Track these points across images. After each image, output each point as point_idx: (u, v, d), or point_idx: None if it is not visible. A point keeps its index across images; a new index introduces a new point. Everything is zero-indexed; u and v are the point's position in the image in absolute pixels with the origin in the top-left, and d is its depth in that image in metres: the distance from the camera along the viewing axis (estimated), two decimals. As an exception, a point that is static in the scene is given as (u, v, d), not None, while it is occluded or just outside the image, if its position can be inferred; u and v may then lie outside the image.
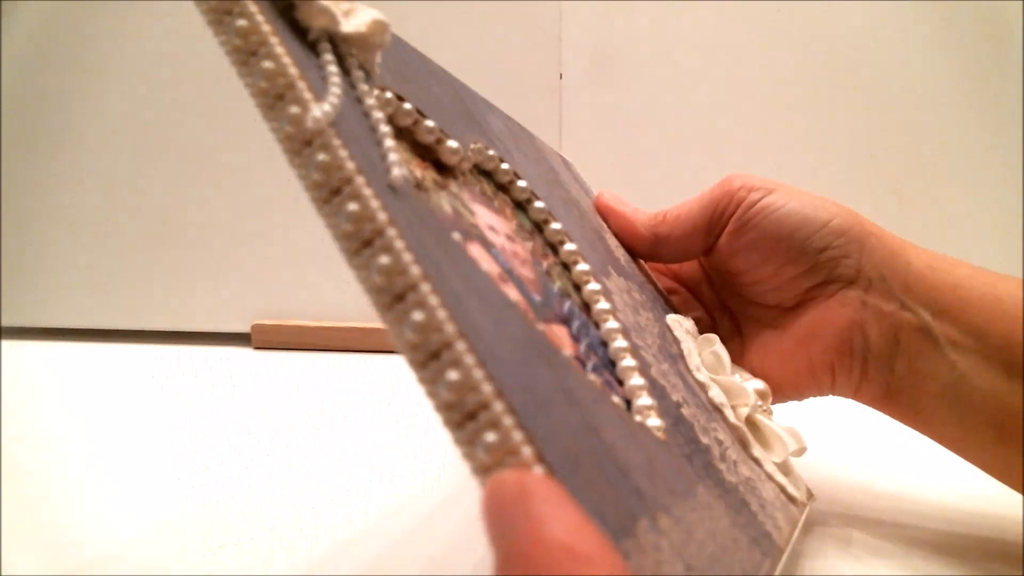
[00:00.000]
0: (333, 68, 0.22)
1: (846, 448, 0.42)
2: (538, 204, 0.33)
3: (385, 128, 0.21)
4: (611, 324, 0.29)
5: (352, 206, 0.19)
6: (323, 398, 0.58)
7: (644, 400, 0.26)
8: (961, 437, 0.34)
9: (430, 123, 0.27)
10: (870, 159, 0.68)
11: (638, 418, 0.26)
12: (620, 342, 0.29)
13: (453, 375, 0.18)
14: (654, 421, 0.26)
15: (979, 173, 0.67)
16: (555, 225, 0.32)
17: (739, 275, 0.39)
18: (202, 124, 0.69)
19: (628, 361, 0.28)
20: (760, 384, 0.35)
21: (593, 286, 0.31)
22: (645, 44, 0.68)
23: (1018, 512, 0.36)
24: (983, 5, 0.65)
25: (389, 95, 0.26)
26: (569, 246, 0.32)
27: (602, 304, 0.30)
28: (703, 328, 0.38)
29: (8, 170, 0.70)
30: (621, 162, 0.69)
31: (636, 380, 0.27)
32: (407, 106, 0.27)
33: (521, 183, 0.32)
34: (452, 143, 0.28)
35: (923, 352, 0.34)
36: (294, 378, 0.63)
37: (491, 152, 0.31)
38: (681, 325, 0.36)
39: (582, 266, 0.32)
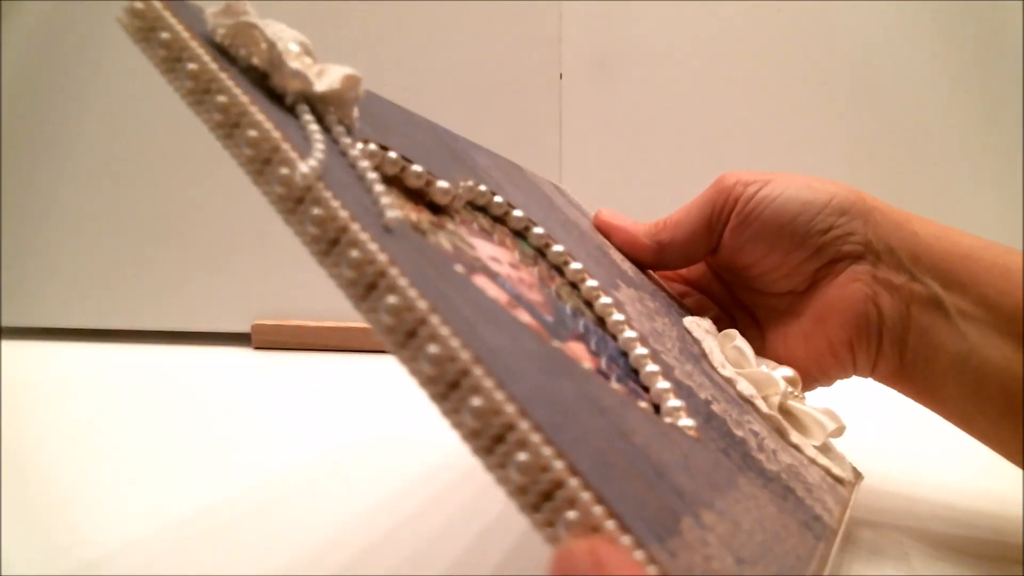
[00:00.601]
0: (314, 127, 0.22)
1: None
2: (537, 230, 0.33)
3: (373, 175, 0.22)
4: (628, 334, 0.29)
5: (352, 253, 0.19)
6: (323, 398, 0.57)
7: (672, 402, 0.26)
8: (971, 412, 0.34)
9: (417, 168, 0.28)
10: (870, 159, 0.68)
11: (668, 420, 0.26)
12: (640, 350, 0.29)
13: (475, 401, 0.18)
14: (685, 421, 0.26)
15: (979, 172, 0.67)
16: (557, 247, 0.33)
17: (747, 269, 0.39)
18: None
19: (651, 367, 0.28)
20: (789, 371, 0.35)
21: (604, 300, 0.31)
22: (645, 44, 0.68)
23: (1018, 512, 0.36)
24: (983, 5, 0.65)
25: (373, 147, 0.26)
26: (574, 265, 0.32)
27: (616, 316, 0.30)
28: (722, 326, 0.38)
29: (8, 170, 0.70)
30: (621, 162, 0.70)
31: (661, 384, 0.27)
32: (392, 155, 0.27)
33: (517, 212, 0.33)
34: (442, 183, 0.28)
35: (934, 324, 0.33)
36: (294, 378, 0.63)
37: (482, 187, 0.32)
38: (699, 325, 0.36)
39: (590, 283, 0.32)
